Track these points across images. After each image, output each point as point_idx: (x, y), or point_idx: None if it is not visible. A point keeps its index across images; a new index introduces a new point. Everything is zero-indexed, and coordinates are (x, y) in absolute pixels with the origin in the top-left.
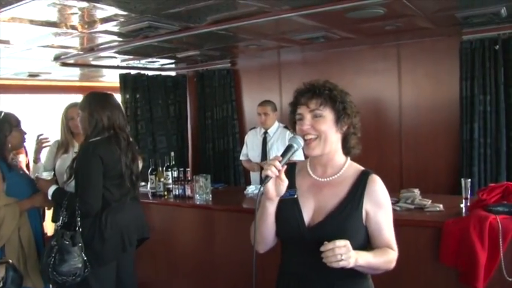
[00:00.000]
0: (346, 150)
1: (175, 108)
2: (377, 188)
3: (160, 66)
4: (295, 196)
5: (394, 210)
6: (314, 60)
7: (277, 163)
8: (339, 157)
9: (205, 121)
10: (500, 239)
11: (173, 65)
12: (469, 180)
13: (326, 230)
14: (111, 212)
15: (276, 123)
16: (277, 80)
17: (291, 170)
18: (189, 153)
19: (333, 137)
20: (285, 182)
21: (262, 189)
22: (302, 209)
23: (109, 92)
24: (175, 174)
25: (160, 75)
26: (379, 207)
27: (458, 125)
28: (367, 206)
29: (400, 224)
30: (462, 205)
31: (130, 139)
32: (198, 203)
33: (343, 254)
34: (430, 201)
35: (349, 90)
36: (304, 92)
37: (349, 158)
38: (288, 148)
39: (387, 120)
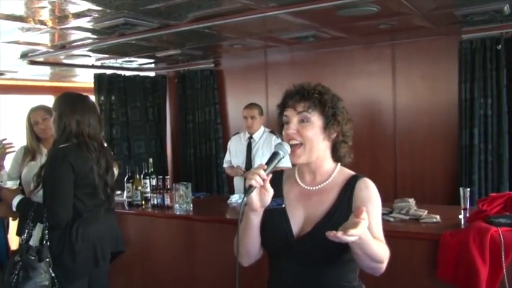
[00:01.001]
0: (336, 158)
1: (154, 111)
2: (366, 186)
3: (138, 66)
4: (283, 206)
5: (387, 221)
6: (303, 61)
7: (261, 172)
8: (328, 164)
9: (186, 125)
10: (503, 253)
11: (152, 65)
12: (468, 189)
13: (314, 240)
14: (83, 223)
15: (262, 128)
16: (263, 82)
17: (278, 177)
18: (168, 160)
19: (320, 145)
20: (270, 192)
21: (245, 199)
22: (290, 219)
23: (85, 94)
24: (153, 182)
25: (138, 75)
26: (367, 202)
27: (457, 129)
28: (355, 206)
29: (393, 236)
30: (461, 216)
31: (105, 144)
32: (178, 213)
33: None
34: (426, 211)
35: (341, 93)
36: (293, 94)
37: (339, 164)
38: (274, 156)
39: (381, 125)
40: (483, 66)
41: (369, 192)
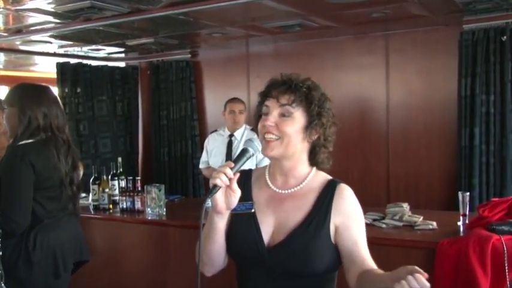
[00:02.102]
0: (313, 163)
1: (124, 106)
2: (346, 197)
3: (106, 55)
4: (252, 211)
5: (379, 227)
6: (288, 53)
7: (227, 170)
8: (303, 167)
9: (159, 121)
10: (506, 264)
11: (122, 55)
12: (468, 193)
13: (289, 250)
14: (43, 229)
15: (244, 125)
16: (244, 75)
17: (246, 178)
18: (139, 159)
19: (298, 145)
20: (237, 193)
21: (209, 201)
22: (260, 226)
23: (44, 85)
24: (122, 183)
25: (106, 66)
26: (351, 218)
27: (456, 129)
28: (335, 220)
29: (386, 244)
30: (459, 223)
31: (70, 142)
32: (149, 217)
33: None
34: (422, 217)
35: (329, 88)
36: (279, 84)
37: (315, 168)
38: (242, 153)
39: (372, 123)
40: (486, 60)
41: (351, 204)
